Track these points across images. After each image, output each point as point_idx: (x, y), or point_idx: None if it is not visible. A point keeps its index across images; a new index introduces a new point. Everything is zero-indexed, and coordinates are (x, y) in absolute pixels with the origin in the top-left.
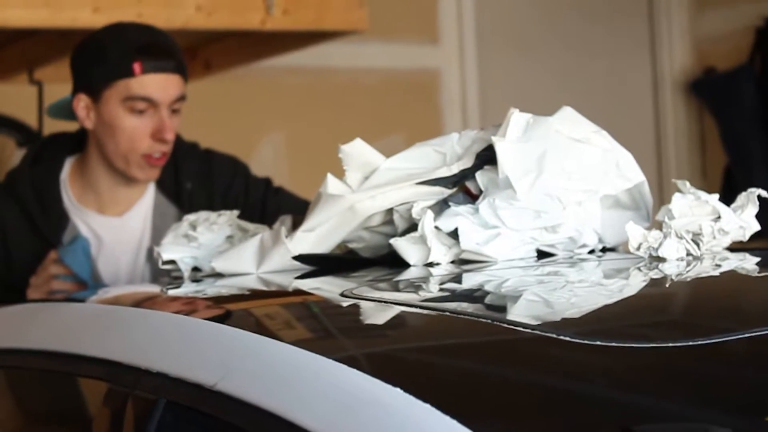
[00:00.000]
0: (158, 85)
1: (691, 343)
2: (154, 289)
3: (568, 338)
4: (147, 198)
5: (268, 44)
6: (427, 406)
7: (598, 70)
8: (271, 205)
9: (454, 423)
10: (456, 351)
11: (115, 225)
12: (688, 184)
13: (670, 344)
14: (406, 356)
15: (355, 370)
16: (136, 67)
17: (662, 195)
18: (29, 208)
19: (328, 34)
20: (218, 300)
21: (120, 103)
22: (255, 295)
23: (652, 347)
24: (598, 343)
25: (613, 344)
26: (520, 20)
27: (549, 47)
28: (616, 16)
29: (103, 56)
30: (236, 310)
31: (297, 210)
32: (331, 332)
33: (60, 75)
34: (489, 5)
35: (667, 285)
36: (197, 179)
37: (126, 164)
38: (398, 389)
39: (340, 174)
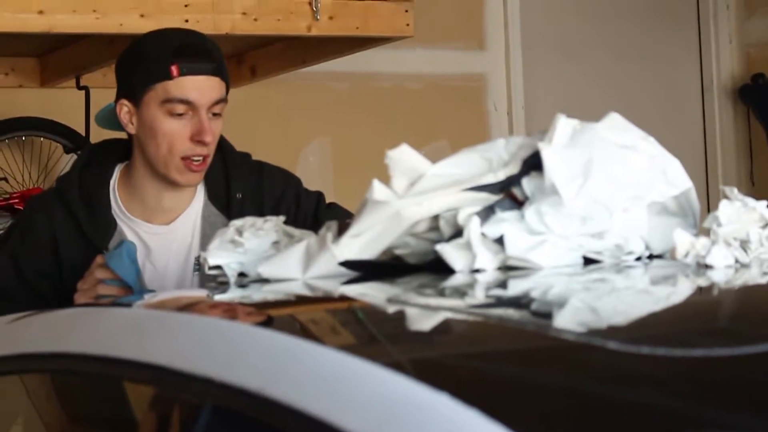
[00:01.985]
0: (196, 87)
1: (739, 352)
2: (200, 294)
3: (614, 346)
4: (195, 206)
5: (313, 50)
6: (473, 412)
7: (645, 76)
8: (323, 218)
9: (499, 429)
10: (501, 358)
11: (162, 233)
12: (735, 190)
13: (718, 353)
14: (451, 362)
15: (400, 376)
16: (174, 69)
17: (709, 202)
18: (77, 214)
19: (373, 39)
20: (264, 305)
21: (159, 106)
22: (301, 300)
23: (700, 356)
24: (645, 351)
25: (660, 353)
26: (566, 26)
27: (595, 53)
28: (664, 22)
29: (142, 60)
30: (282, 316)
31: None
32: (377, 338)
33: (107, 81)
34: (535, 11)
35: (715, 293)
36: (248, 190)
37: (166, 168)
38: (444, 395)
39: (385, 179)
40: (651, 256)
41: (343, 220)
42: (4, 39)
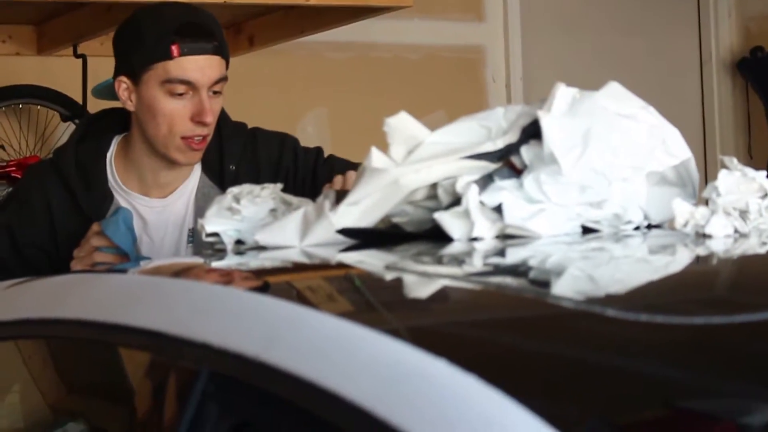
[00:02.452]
0: (197, 67)
1: (737, 320)
2: (197, 261)
3: (612, 314)
4: (191, 180)
5: (312, 19)
6: (472, 378)
7: (644, 49)
8: (322, 171)
9: (498, 395)
10: (500, 325)
11: (158, 206)
12: (735, 160)
13: (717, 321)
14: (450, 329)
15: (398, 342)
16: (174, 49)
17: (707, 174)
18: (73, 186)
19: (372, 9)
20: (261, 272)
21: (159, 86)
22: (298, 267)
23: (698, 324)
24: (642, 318)
25: (659, 320)
26: None
27: (594, 25)
28: None
29: (141, 39)
30: (280, 282)
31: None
32: (375, 305)
33: (104, 49)
34: None
35: (714, 262)
36: (242, 160)
37: (166, 148)
38: (442, 361)
39: (383, 150)
40: (649, 226)
41: (343, 169)
42: (2, 6)
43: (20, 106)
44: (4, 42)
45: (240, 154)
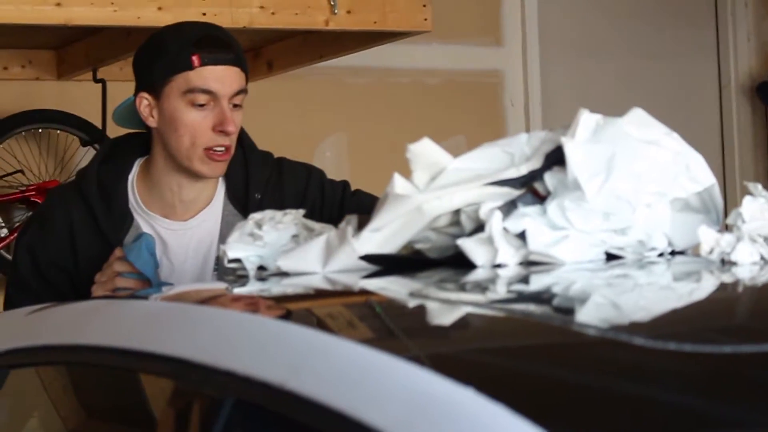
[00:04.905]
0: (217, 77)
1: (763, 349)
2: (220, 287)
3: (639, 342)
4: (215, 206)
5: (331, 44)
6: (499, 406)
7: (663, 74)
8: (348, 206)
9: (525, 424)
10: (525, 353)
11: (180, 229)
12: (759, 186)
13: (742, 350)
14: (475, 357)
15: (425, 370)
16: (195, 59)
17: (727, 199)
18: (94, 207)
19: (391, 34)
20: (284, 299)
21: (180, 97)
22: (321, 294)
23: (724, 352)
24: (668, 347)
25: (686, 349)
26: (583, 23)
27: (613, 51)
28: (682, 21)
29: (163, 52)
30: (303, 309)
31: None
32: (399, 332)
33: (123, 74)
34: (553, 8)
35: (740, 289)
36: (267, 189)
37: (189, 160)
38: (470, 389)
39: (404, 174)
40: (674, 252)
41: (370, 205)
42: (22, 31)
43: (40, 130)
44: (24, 67)
45: (266, 183)
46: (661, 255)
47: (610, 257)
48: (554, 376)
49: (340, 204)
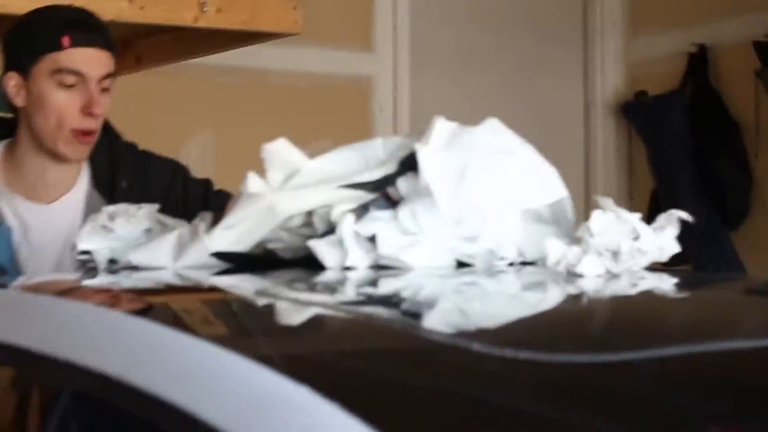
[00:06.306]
0: (87, 58)
1: (600, 359)
2: (69, 279)
3: (478, 348)
4: (79, 189)
5: (201, 42)
6: (332, 405)
7: (532, 89)
8: (209, 204)
9: (357, 423)
10: (366, 355)
11: (43, 212)
12: (610, 201)
13: (580, 359)
14: (315, 357)
15: (262, 368)
16: (65, 40)
17: (588, 216)
18: None
19: (261, 34)
20: (130, 292)
21: (49, 77)
22: (168, 289)
23: (563, 361)
24: (508, 354)
25: (524, 356)
26: (455, 35)
27: (483, 64)
28: (551, 37)
29: (32, 32)
30: (147, 303)
31: None
32: (242, 329)
33: None
34: (425, 17)
35: (582, 301)
36: (133, 179)
37: (54, 141)
38: (304, 388)
39: (262, 175)
40: (524, 263)
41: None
42: None
43: None
44: None
45: (132, 173)
46: (511, 265)
47: (461, 265)
48: (391, 378)
49: (202, 201)
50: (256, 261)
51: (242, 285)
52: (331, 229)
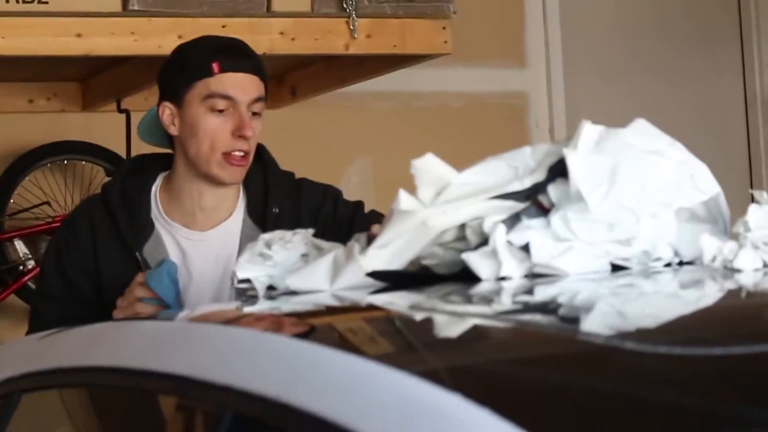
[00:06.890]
0: (237, 83)
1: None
2: (230, 307)
3: (641, 348)
4: (235, 219)
5: (352, 69)
6: (485, 411)
7: (689, 92)
8: (359, 223)
9: (509, 427)
10: (525, 361)
11: (200, 240)
12: (765, 194)
13: (747, 352)
14: (473, 367)
15: (418, 380)
16: (215, 66)
17: None
18: (115, 215)
19: (411, 57)
20: (287, 315)
21: (201, 103)
22: (325, 310)
23: (728, 356)
24: (673, 353)
25: (688, 353)
26: (607, 45)
27: (637, 72)
28: (707, 38)
29: (184, 62)
30: (302, 324)
31: None
32: (398, 344)
33: (148, 104)
34: (576, 29)
35: (742, 295)
36: (285, 205)
37: (208, 165)
38: (458, 397)
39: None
40: (681, 263)
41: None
42: (46, 63)
43: (65, 162)
44: (50, 99)
45: (284, 199)
46: (668, 265)
47: (615, 268)
48: (549, 382)
49: (351, 221)
50: (411, 278)
51: (398, 301)
52: (484, 241)
